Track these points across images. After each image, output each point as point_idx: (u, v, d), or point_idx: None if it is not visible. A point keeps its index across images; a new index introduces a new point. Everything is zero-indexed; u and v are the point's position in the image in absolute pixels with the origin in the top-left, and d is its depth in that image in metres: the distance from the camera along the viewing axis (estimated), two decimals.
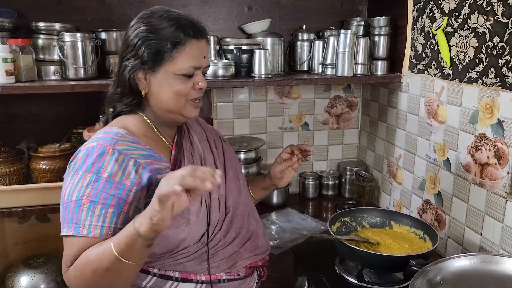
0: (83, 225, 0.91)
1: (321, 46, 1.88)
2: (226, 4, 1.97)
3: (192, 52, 1.01)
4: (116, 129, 1.01)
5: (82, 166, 0.95)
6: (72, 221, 0.92)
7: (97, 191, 0.92)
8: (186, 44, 1.00)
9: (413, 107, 1.74)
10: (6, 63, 1.46)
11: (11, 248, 1.92)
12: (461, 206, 1.48)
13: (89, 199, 0.92)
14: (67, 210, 0.93)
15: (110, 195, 0.93)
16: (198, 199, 1.05)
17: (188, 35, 1.00)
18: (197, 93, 1.06)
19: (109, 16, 1.84)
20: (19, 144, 1.77)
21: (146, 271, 1.05)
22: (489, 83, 1.32)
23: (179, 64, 1.01)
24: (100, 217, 0.92)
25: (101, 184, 0.93)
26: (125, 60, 1.03)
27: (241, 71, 1.75)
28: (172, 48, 0.99)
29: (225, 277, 1.08)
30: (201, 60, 1.04)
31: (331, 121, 2.23)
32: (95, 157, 0.95)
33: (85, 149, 0.98)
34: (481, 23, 1.33)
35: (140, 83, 1.04)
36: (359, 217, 1.50)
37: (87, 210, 0.91)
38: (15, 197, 1.56)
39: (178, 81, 1.02)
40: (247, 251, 1.13)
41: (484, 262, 1.05)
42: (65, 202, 0.94)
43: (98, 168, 0.94)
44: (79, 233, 0.91)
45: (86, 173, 0.94)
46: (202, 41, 1.04)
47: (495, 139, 1.31)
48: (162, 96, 1.03)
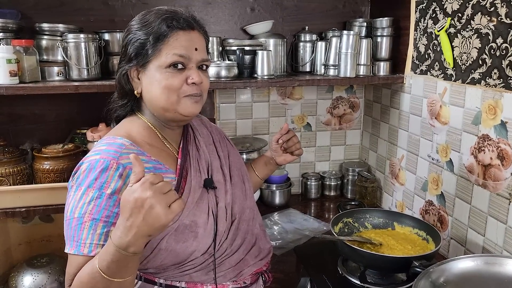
0: (83, 244, 0.89)
1: (323, 47, 1.88)
2: (228, 5, 1.97)
3: (178, 43, 0.98)
4: (120, 140, 0.98)
5: (85, 181, 0.92)
6: (73, 239, 0.90)
7: (100, 208, 0.90)
8: (170, 35, 0.97)
9: (416, 108, 1.74)
10: (10, 64, 1.46)
11: (14, 248, 1.93)
12: (464, 207, 1.48)
13: (91, 217, 0.89)
14: (70, 227, 0.91)
15: (113, 212, 0.91)
16: (205, 211, 1.03)
17: (173, 27, 0.98)
18: (192, 89, 1.00)
19: (112, 17, 1.85)
20: (22, 145, 1.78)
21: (152, 281, 1.03)
22: (492, 84, 1.31)
23: (164, 56, 0.97)
24: (102, 236, 0.89)
25: (103, 201, 0.90)
26: (120, 63, 1.04)
27: (243, 72, 1.75)
28: (155, 41, 0.97)
29: (231, 286, 1.07)
30: (190, 51, 0.99)
31: (334, 122, 2.23)
32: (98, 172, 0.91)
33: (88, 162, 0.94)
34: (484, 24, 1.33)
35: (134, 83, 1.03)
36: (361, 218, 1.50)
37: (89, 228, 0.89)
38: (19, 197, 1.57)
39: (166, 74, 0.98)
40: (252, 257, 1.11)
41: (487, 263, 1.05)
42: (67, 218, 0.92)
43: (101, 184, 0.91)
44: (80, 252, 0.89)
45: (89, 189, 0.91)
46: (191, 32, 1.00)
47: (499, 140, 1.30)
48: (153, 93, 1.00)
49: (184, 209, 0.99)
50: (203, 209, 1.03)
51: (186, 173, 1.04)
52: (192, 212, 1.01)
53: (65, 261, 1.79)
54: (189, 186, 1.02)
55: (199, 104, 1.04)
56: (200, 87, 1.02)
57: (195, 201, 1.02)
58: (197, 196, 1.03)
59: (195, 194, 1.03)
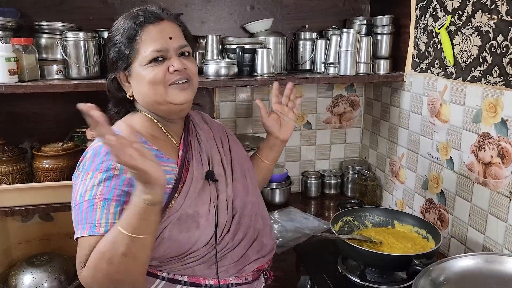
0: (98, 224, 0.89)
1: (323, 45, 1.87)
2: (228, 3, 1.97)
3: (151, 37, 0.99)
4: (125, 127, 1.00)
5: (91, 165, 0.94)
6: (86, 222, 0.90)
7: (110, 189, 0.91)
8: (141, 32, 0.99)
9: (416, 106, 1.73)
10: (9, 62, 1.46)
11: (14, 246, 1.93)
12: (464, 206, 1.48)
13: (102, 197, 0.90)
14: (80, 211, 0.91)
15: (124, 191, 0.92)
16: (207, 202, 1.04)
17: (140, 23, 1.00)
18: (175, 77, 1.01)
19: (111, 16, 1.84)
20: (22, 143, 1.78)
21: (155, 275, 1.04)
22: (492, 82, 1.31)
23: (142, 53, 1.00)
24: (116, 215, 0.90)
25: (112, 181, 0.92)
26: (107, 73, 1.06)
27: (243, 70, 1.74)
28: (129, 42, 1.00)
29: (233, 281, 1.07)
30: (165, 41, 1.00)
31: (334, 120, 2.23)
32: (103, 156, 0.94)
33: (92, 149, 0.97)
34: (485, 22, 1.33)
35: (125, 88, 1.06)
36: (361, 216, 1.50)
37: (102, 209, 0.90)
38: (18, 196, 1.56)
39: (148, 70, 1.00)
40: (254, 253, 1.12)
41: (488, 262, 1.05)
42: (77, 203, 0.92)
43: (108, 166, 0.93)
44: (95, 232, 0.89)
45: (97, 172, 0.93)
46: (160, 23, 1.01)
47: (499, 138, 1.30)
48: (142, 90, 1.02)
49: (187, 199, 1.01)
50: (205, 200, 1.04)
51: (188, 163, 1.06)
52: (195, 202, 1.02)
53: (65, 260, 1.80)
54: (191, 176, 1.04)
55: (188, 91, 1.04)
56: (187, 73, 1.03)
57: (197, 191, 1.04)
58: (199, 186, 1.05)
59: (197, 184, 1.05)
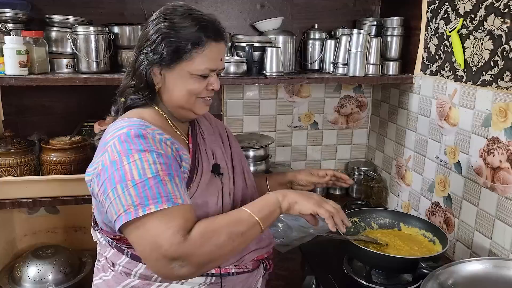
0: (175, 196, 0.91)
1: (332, 46, 1.87)
2: (238, 1, 1.97)
3: (211, 55, 1.03)
4: (137, 120, 1.00)
5: (131, 148, 0.92)
6: (161, 196, 0.89)
7: (167, 165, 0.94)
8: (205, 46, 1.02)
9: (425, 109, 1.73)
10: (20, 55, 1.46)
11: (19, 238, 1.94)
12: (471, 210, 1.47)
13: (166, 173, 0.92)
14: (147, 187, 0.89)
15: (174, 166, 0.96)
16: (215, 193, 1.07)
17: (209, 37, 1.02)
18: (208, 93, 1.08)
19: (122, 11, 1.85)
20: (30, 136, 1.78)
21: None
22: (504, 86, 1.30)
23: (196, 64, 1.02)
24: (182, 187, 0.95)
25: (163, 158, 0.94)
26: (142, 54, 1.03)
27: (252, 68, 1.74)
28: (192, 48, 1.01)
29: (234, 270, 1.09)
30: (218, 62, 1.06)
31: (341, 120, 2.22)
32: (138, 138, 0.94)
33: (117, 136, 0.95)
34: (497, 26, 1.32)
35: (154, 78, 1.04)
36: (368, 218, 1.50)
37: (171, 183, 0.92)
38: (26, 188, 1.57)
39: (192, 80, 1.04)
40: (253, 244, 1.13)
41: (496, 267, 1.04)
42: (138, 182, 0.89)
43: (150, 146, 0.94)
44: (176, 203, 0.90)
45: (143, 153, 0.92)
46: (221, 43, 1.06)
47: (508, 143, 1.29)
48: (175, 93, 1.05)
49: (198, 189, 1.04)
50: (213, 191, 1.08)
51: (198, 156, 1.10)
52: (204, 193, 1.05)
53: (70, 252, 1.81)
54: (201, 168, 1.08)
55: (209, 104, 1.13)
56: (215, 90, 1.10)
57: (207, 182, 1.07)
58: (207, 178, 1.08)
59: (207, 176, 1.08)
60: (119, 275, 1.06)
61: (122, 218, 0.89)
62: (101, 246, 1.12)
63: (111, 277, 1.08)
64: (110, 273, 1.08)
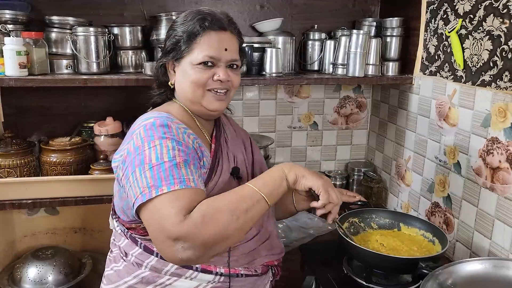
0: (188, 179, 0.92)
1: (332, 46, 1.87)
2: (238, 2, 1.97)
3: (209, 42, 1.06)
4: (165, 113, 1.06)
5: (153, 135, 0.97)
6: (174, 178, 0.91)
7: (185, 152, 0.96)
8: (203, 35, 1.05)
9: (424, 109, 1.73)
10: (20, 55, 1.46)
11: (19, 239, 1.94)
12: (470, 210, 1.47)
13: (182, 159, 0.95)
14: (162, 169, 0.91)
15: (192, 155, 0.98)
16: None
17: (204, 27, 1.05)
18: (216, 84, 1.09)
19: (121, 12, 1.85)
20: (30, 137, 1.78)
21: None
22: (503, 86, 1.31)
23: (196, 54, 1.06)
24: (197, 173, 0.96)
25: (183, 146, 0.97)
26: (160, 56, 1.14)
27: (252, 69, 1.74)
28: (188, 39, 1.06)
29: (243, 272, 1.10)
30: (220, 51, 1.07)
31: (340, 121, 2.22)
32: (162, 128, 0.98)
33: (143, 125, 1.00)
34: (496, 26, 1.32)
35: (170, 75, 1.13)
36: (367, 218, 1.50)
37: (185, 168, 0.94)
38: (26, 189, 1.57)
39: (195, 70, 1.07)
40: (264, 250, 1.15)
41: (496, 267, 1.04)
42: (154, 164, 0.92)
43: (172, 135, 0.98)
44: (188, 186, 0.91)
45: (164, 140, 0.96)
46: (223, 33, 1.08)
47: (508, 143, 1.30)
48: (183, 86, 1.10)
49: (215, 187, 1.05)
50: None
51: (218, 159, 1.11)
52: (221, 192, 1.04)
53: (70, 253, 1.81)
54: (221, 169, 1.11)
55: (224, 102, 1.12)
56: (227, 85, 1.10)
57: (224, 182, 1.09)
58: (226, 178, 1.10)
59: (225, 176, 1.10)
60: (131, 266, 1.08)
61: (138, 200, 0.91)
62: (115, 235, 1.14)
63: (123, 267, 1.09)
64: (122, 263, 1.10)
